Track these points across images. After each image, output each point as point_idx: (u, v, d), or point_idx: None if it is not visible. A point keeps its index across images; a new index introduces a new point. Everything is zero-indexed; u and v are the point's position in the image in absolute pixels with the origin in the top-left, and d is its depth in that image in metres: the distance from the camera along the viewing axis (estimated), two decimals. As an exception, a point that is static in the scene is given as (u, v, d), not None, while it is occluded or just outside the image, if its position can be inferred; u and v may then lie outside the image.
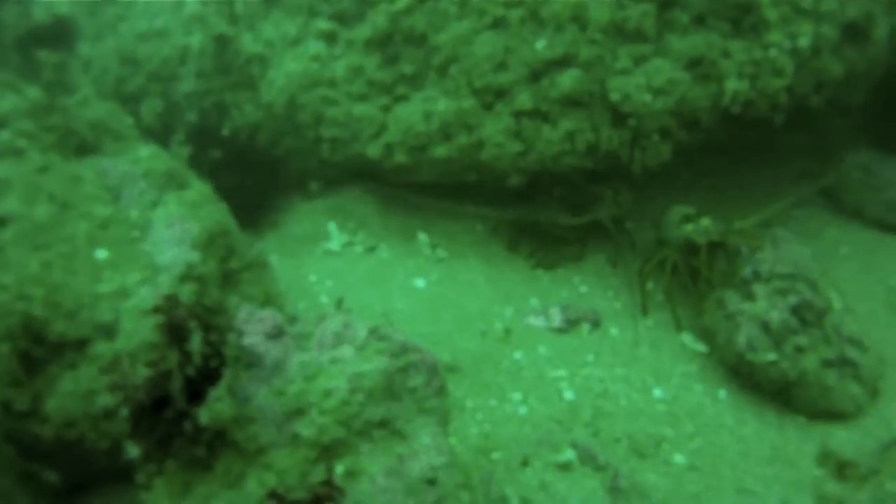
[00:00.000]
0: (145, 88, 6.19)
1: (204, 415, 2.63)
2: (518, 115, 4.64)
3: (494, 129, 4.64)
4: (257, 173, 5.89)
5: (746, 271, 4.49)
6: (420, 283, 5.08)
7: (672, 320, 4.79)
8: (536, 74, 4.59)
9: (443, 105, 4.71)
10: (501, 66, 4.60)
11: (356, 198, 5.78)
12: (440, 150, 4.76)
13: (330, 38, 5.13)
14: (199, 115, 5.98)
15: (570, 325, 4.75)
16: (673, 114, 4.52)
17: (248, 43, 5.49)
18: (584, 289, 5.11)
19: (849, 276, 5.20)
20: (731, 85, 4.44)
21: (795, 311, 4.29)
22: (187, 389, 2.66)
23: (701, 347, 4.65)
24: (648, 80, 4.43)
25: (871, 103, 5.46)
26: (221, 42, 5.67)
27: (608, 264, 5.30)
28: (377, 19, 4.91)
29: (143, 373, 2.68)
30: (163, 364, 2.65)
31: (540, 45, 4.53)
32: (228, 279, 4.16)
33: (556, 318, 4.76)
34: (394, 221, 5.60)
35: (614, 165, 4.79)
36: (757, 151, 5.78)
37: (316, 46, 5.12)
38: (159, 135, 5.66)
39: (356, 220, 5.64)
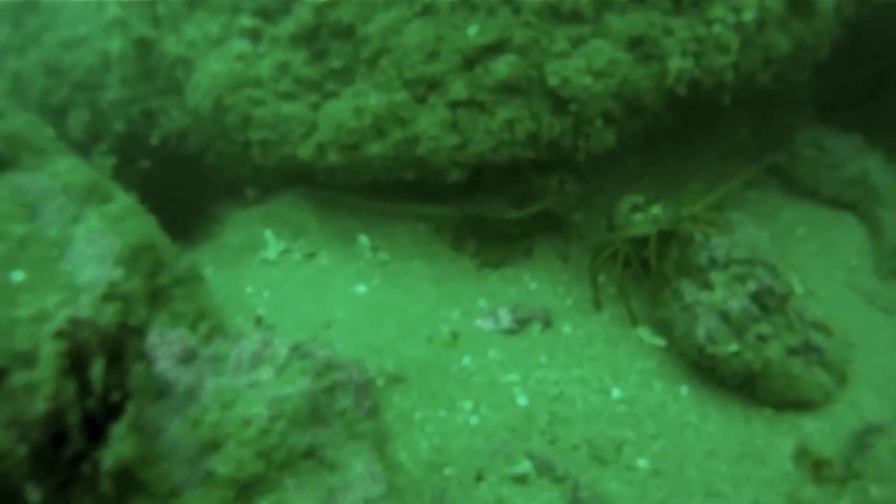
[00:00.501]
0: (71, 99, 5.96)
1: (108, 458, 2.36)
2: (453, 105, 4.39)
3: (429, 123, 4.39)
4: (189, 182, 5.66)
5: (702, 259, 4.28)
6: (361, 288, 4.83)
7: (627, 314, 4.58)
8: (470, 62, 4.33)
9: (374, 99, 4.45)
10: (433, 56, 4.35)
11: (293, 203, 5.52)
12: (374, 148, 4.50)
13: (254, 35, 4.88)
14: (127, 124, 5.74)
15: (521, 325, 4.51)
16: (615, 97, 4.29)
17: (172, 45, 5.22)
18: (533, 286, 4.87)
19: (807, 257, 5.07)
20: (675, 64, 4.23)
21: (755, 297, 4.10)
22: (87, 425, 2.39)
23: (659, 342, 4.44)
24: (588, 63, 4.20)
25: (819, 78, 5.30)
26: (144, 46, 5.40)
27: (558, 259, 5.07)
28: (302, 13, 4.67)
29: (40, 407, 2.42)
30: (60, 396, 2.39)
31: (472, 31, 4.28)
32: (157, 296, 3.90)
33: (506, 319, 4.52)
34: (333, 226, 5.34)
35: (558, 155, 4.56)
36: (705, 133, 5.62)
37: (240, 45, 4.86)
38: (88, 147, 5.36)
39: (294, 226, 5.38)
